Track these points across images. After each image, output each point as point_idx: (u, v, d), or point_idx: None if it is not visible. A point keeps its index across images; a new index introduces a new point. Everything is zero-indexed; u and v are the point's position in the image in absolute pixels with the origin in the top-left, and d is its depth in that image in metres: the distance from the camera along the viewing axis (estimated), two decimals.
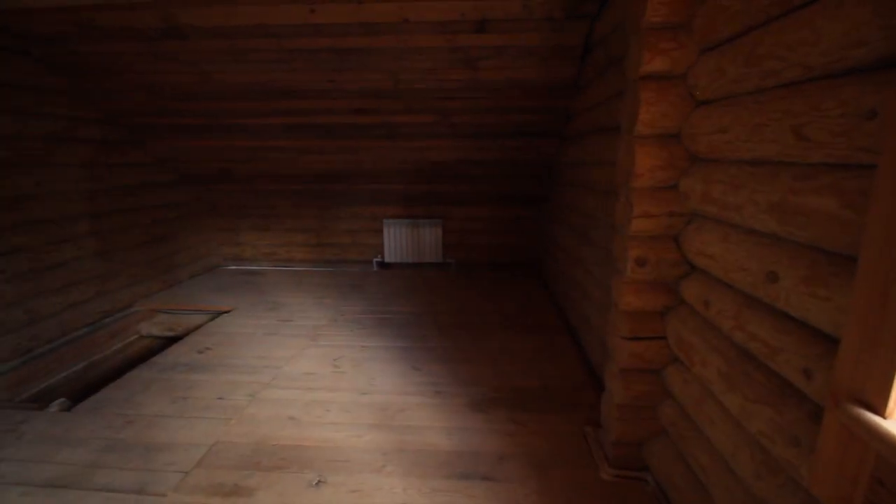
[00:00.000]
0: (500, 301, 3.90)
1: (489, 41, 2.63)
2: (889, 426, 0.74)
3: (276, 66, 2.90)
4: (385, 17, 2.46)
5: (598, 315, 2.48)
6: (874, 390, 0.78)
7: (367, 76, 2.99)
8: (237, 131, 3.74)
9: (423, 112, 3.40)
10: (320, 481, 1.79)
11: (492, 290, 4.20)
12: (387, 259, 4.90)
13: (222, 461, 1.90)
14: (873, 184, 0.76)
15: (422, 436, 2.07)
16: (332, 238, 5.02)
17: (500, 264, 4.95)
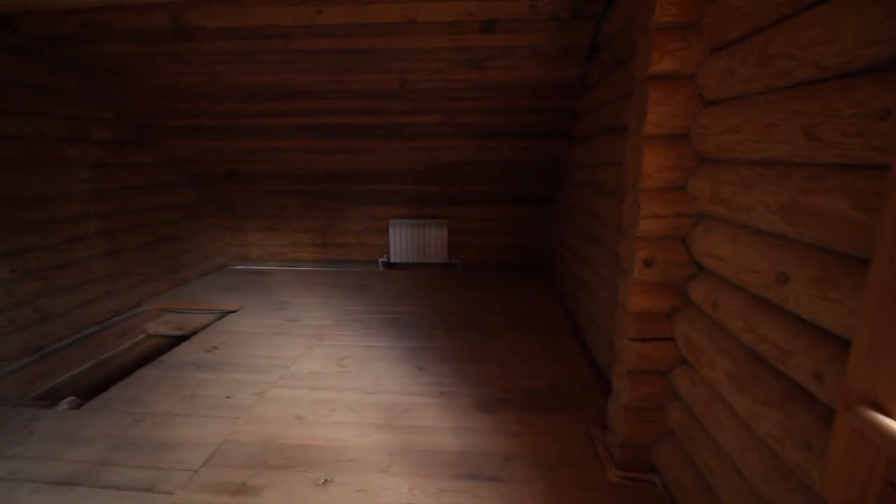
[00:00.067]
0: (507, 301, 3.90)
1: (496, 41, 2.64)
2: None
3: (285, 66, 2.92)
4: (391, 18, 2.47)
5: (606, 316, 2.47)
6: (886, 393, 0.77)
7: (374, 77, 3.00)
8: (245, 132, 3.76)
9: (430, 112, 3.41)
10: (327, 481, 1.79)
11: (498, 291, 4.20)
12: (392, 259, 4.90)
13: (230, 460, 1.91)
14: (887, 184, 0.75)
15: (428, 436, 2.07)
16: (339, 238, 5.04)
17: (506, 265, 4.94)
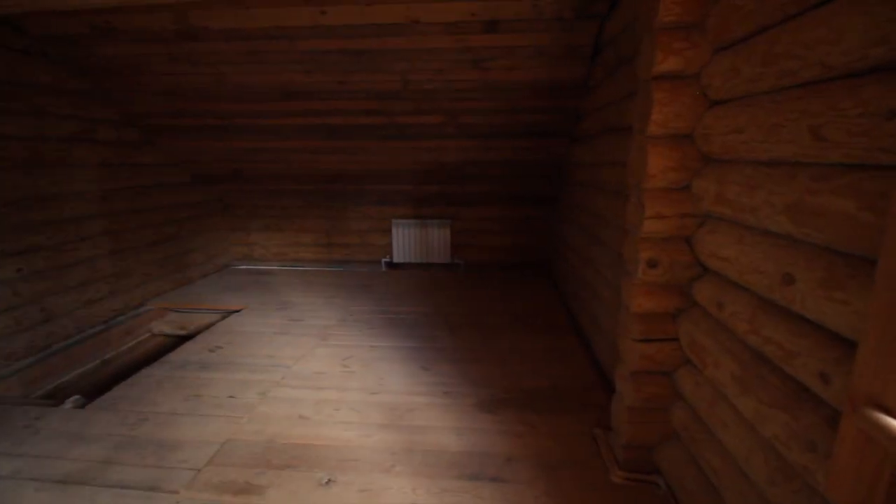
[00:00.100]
0: (510, 301, 3.89)
1: (499, 41, 2.64)
2: None
3: (289, 67, 2.92)
4: (394, 19, 2.47)
5: (609, 316, 2.46)
6: (893, 395, 0.76)
7: (377, 77, 3.01)
8: (249, 132, 3.77)
9: (432, 113, 3.41)
10: (330, 480, 1.79)
11: (501, 291, 4.19)
12: (395, 259, 4.91)
13: (234, 459, 1.92)
14: (893, 185, 0.75)
15: (431, 436, 2.07)
16: (342, 238, 5.05)
17: (509, 265, 4.94)
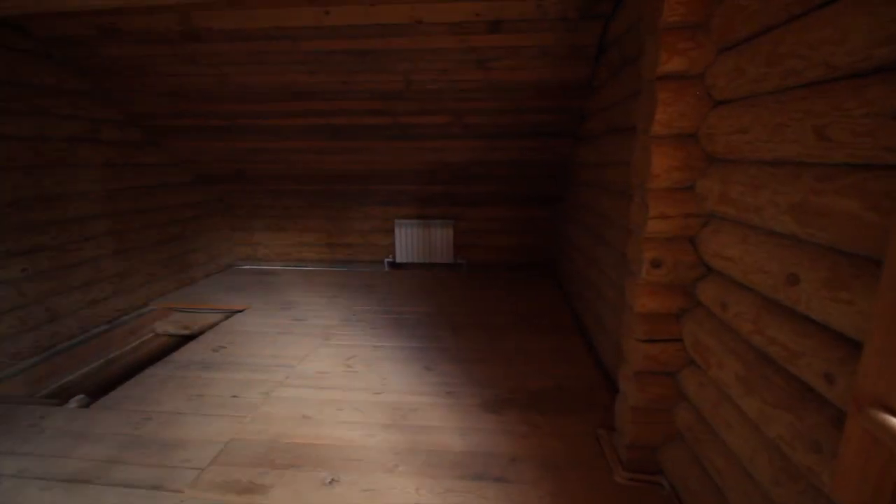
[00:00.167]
0: (514, 301, 3.89)
1: (503, 42, 2.64)
2: None
3: (292, 67, 2.93)
4: (398, 19, 2.47)
5: (613, 316, 2.46)
6: None
7: (381, 77, 3.01)
8: (252, 132, 3.78)
9: (436, 113, 3.41)
10: (333, 480, 1.80)
11: (505, 291, 4.19)
12: (398, 259, 4.91)
13: (237, 458, 1.92)
14: None
15: (434, 436, 2.07)
16: (345, 238, 5.06)
17: (513, 265, 4.94)
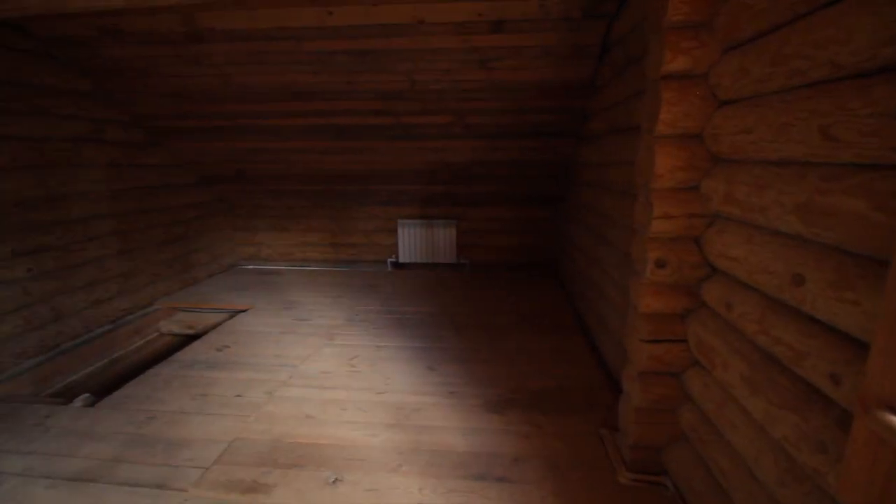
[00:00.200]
0: (516, 301, 3.89)
1: (505, 41, 2.63)
2: None
3: (295, 67, 2.94)
4: (401, 19, 2.47)
5: (616, 316, 2.45)
6: None
7: (383, 77, 3.01)
8: (255, 133, 3.79)
9: (439, 113, 3.41)
10: (337, 480, 1.80)
11: (507, 291, 4.19)
12: (401, 259, 4.92)
13: (241, 458, 1.93)
14: None
15: (437, 436, 2.07)
16: (348, 238, 5.06)
17: (516, 265, 4.93)
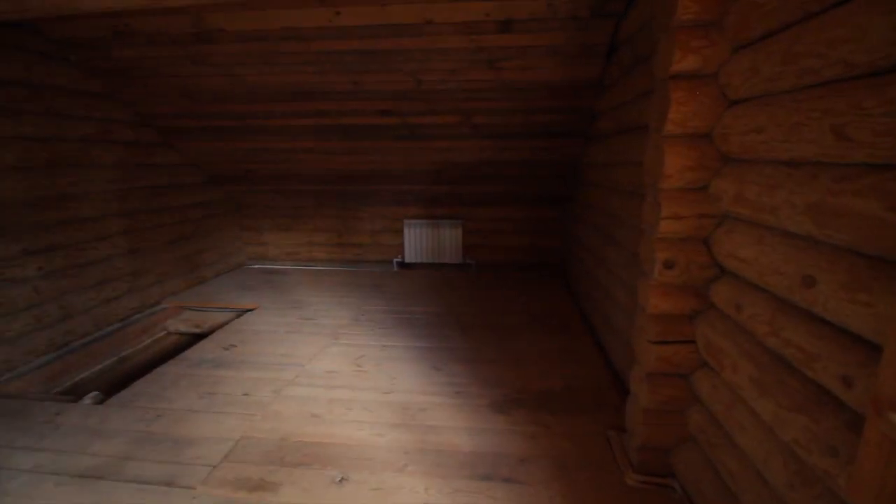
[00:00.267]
0: (523, 302, 3.88)
1: (513, 41, 2.63)
2: None
3: (304, 68, 2.95)
4: (409, 19, 2.48)
5: (623, 317, 2.44)
6: None
7: (391, 78, 3.02)
8: (263, 133, 3.80)
9: (446, 113, 3.41)
10: (343, 479, 1.80)
11: (514, 291, 4.18)
12: (407, 259, 4.92)
13: (248, 456, 1.94)
14: None
15: (443, 436, 2.07)
16: (354, 238, 5.08)
17: (522, 265, 4.92)
